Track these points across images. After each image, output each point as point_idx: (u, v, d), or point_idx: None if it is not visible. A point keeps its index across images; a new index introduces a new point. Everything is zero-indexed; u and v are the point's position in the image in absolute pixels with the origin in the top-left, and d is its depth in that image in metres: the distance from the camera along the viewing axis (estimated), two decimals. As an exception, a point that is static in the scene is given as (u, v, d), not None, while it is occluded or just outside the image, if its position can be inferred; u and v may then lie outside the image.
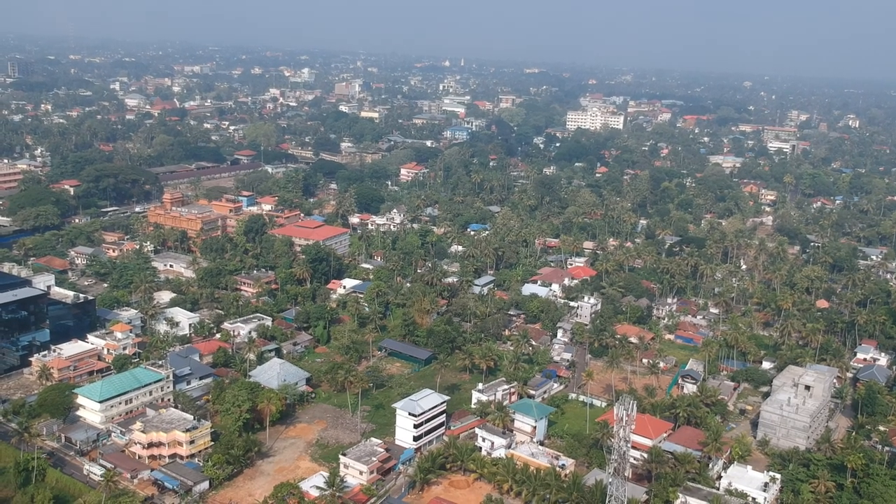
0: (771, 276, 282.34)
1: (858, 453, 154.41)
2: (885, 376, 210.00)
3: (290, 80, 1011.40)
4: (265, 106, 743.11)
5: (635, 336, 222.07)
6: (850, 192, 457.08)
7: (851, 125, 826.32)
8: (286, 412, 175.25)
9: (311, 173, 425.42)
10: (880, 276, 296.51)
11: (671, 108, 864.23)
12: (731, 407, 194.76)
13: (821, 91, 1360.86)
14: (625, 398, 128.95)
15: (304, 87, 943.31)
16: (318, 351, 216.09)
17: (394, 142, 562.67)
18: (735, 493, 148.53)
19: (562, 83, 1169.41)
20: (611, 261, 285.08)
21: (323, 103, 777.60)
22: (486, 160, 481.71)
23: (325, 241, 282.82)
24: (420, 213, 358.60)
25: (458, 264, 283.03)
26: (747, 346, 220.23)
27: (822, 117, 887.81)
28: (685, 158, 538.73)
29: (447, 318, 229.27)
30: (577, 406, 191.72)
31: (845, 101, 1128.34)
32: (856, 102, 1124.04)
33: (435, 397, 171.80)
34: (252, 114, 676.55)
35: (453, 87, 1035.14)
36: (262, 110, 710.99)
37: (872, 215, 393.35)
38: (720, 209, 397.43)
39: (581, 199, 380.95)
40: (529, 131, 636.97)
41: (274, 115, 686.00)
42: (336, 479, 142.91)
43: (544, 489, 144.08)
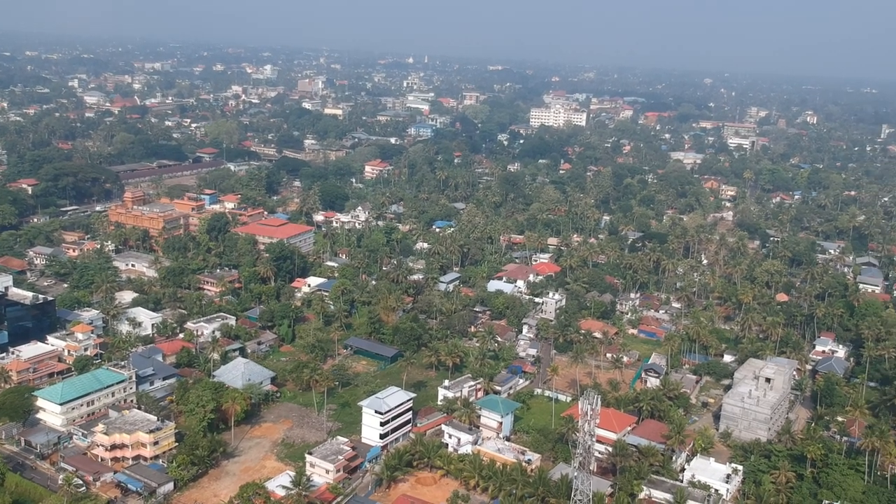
0: (731, 270, 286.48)
1: (818, 444, 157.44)
2: (843, 368, 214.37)
3: (252, 77, 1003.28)
4: (227, 103, 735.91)
5: (599, 331, 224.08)
6: (808, 188, 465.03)
7: (809, 121, 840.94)
8: (251, 412, 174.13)
9: (275, 171, 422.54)
10: (838, 269, 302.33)
11: (633, 106, 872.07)
12: (694, 400, 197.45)
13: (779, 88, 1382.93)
14: (589, 393, 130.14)
15: (267, 83, 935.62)
16: (282, 350, 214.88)
17: (358, 139, 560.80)
18: (698, 484, 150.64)
19: (525, 80, 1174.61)
20: (575, 257, 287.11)
21: (286, 100, 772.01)
22: (450, 157, 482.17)
23: (289, 240, 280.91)
24: (385, 211, 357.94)
25: (424, 261, 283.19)
26: (709, 339, 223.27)
27: (781, 114, 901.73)
28: (647, 155, 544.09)
29: (413, 316, 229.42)
30: (542, 401, 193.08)
31: (803, 98, 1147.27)
32: (813, 99, 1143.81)
33: (401, 395, 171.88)
34: (214, 111, 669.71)
35: (417, 84, 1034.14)
36: (224, 107, 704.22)
37: (830, 210, 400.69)
38: (681, 205, 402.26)
39: (545, 195, 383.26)
40: (494, 128, 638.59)
41: (236, 112, 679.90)
42: (302, 478, 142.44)
43: (511, 484, 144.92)
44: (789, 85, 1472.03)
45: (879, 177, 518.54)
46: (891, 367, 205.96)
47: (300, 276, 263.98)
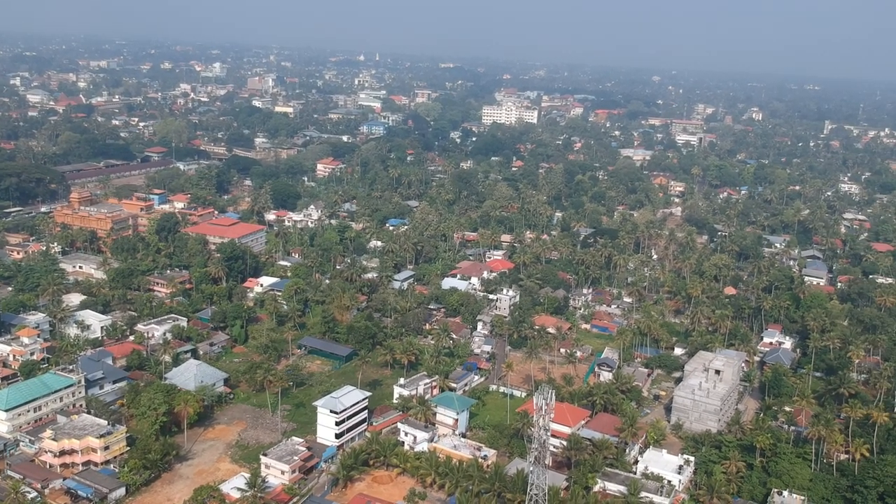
0: (681, 264, 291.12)
1: (766, 434, 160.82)
2: (790, 359, 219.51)
3: (201, 75, 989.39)
4: (176, 101, 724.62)
5: (553, 327, 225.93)
6: (754, 183, 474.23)
7: (755, 118, 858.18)
8: (204, 414, 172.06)
9: (225, 170, 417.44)
10: (784, 262, 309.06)
11: (583, 103, 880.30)
12: (646, 393, 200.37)
13: (725, 85, 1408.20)
14: (544, 388, 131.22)
15: (216, 81, 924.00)
16: (235, 351, 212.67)
17: (309, 137, 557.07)
18: (651, 476, 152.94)
19: (477, 78, 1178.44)
20: (528, 253, 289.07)
21: (235, 98, 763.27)
22: (403, 155, 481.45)
23: (240, 239, 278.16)
24: (338, 209, 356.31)
25: (378, 260, 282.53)
26: (660, 333, 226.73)
27: (727, 110, 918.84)
28: (597, 152, 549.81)
29: (367, 314, 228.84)
30: (497, 397, 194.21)
31: (748, 95, 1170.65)
32: (758, 96, 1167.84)
33: (356, 394, 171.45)
34: (162, 110, 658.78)
35: (369, 82, 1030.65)
36: (172, 106, 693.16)
37: (775, 205, 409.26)
38: (632, 201, 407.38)
39: (498, 192, 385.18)
40: (446, 126, 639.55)
41: (185, 110, 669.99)
42: (257, 479, 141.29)
43: (467, 480, 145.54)
44: (735, 82, 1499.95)
45: (823, 172, 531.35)
46: (835, 357, 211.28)
47: (252, 275, 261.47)
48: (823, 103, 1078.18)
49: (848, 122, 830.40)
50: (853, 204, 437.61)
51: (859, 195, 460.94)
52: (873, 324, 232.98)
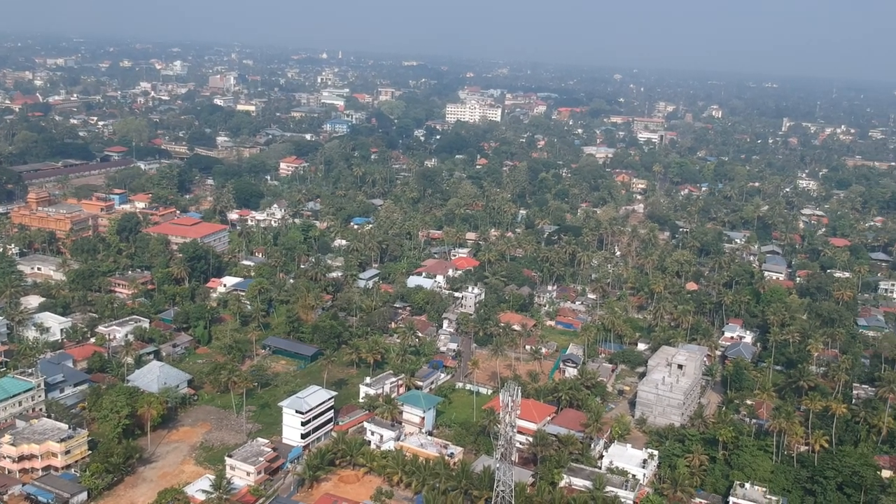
0: (643, 261, 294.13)
1: (728, 427, 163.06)
2: (751, 353, 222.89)
3: (161, 74, 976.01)
4: (136, 100, 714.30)
5: (518, 324, 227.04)
6: (714, 180, 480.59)
7: (715, 115, 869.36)
8: (168, 416, 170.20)
9: (187, 169, 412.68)
10: (744, 258, 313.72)
11: (546, 101, 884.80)
12: (610, 388, 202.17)
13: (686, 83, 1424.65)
14: (510, 385, 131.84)
15: (177, 80, 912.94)
16: (199, 352, 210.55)
17: (272, 135, 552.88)
18: (616, 470, 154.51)
19: (440, 76, 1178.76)
20: (493, 251, 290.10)
21: (197, 97, 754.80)
22: (367, 153, 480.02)
23: (202, 239, 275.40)
24: (301, 208, 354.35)
25: (343, 258, 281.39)
26: (623, 329, 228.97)
27: (688, 108, 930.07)
28: (561, 150, 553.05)
29: (332, 314, 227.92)
30: (464, 395, 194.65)
31: (708, 93, 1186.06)
32: (718, 94, 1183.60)
33: (322, 393, 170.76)
34: (122, 108, 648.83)
35: (332, 80, 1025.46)
36: (132, 105, 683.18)
37: (735, 201, 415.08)
38: (595, 198, 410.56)
39: (462, 190, 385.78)
40: (410, 124, 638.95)
41: (145, 109, 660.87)
42: (222, 481, 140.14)
43: (434, 478, 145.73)
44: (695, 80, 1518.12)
45: (781, 168, 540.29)
46: (795, 350, 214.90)
47: (215, 276, 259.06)
48: (781, 101, 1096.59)
49: (805, 120, 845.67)
50: (811, 200, 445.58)
51: (817, 191, 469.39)
52: (831, 317, 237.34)
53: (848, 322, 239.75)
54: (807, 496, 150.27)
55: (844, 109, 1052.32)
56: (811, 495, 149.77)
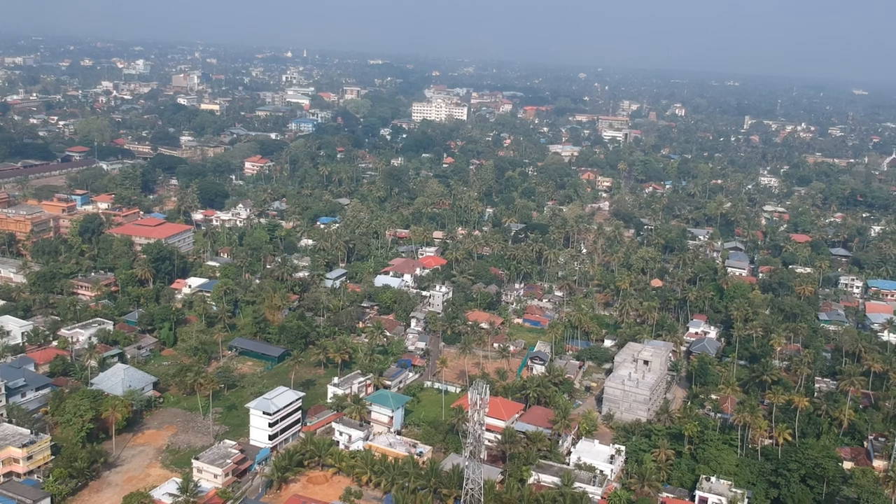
0: (609, 258, 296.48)
1: (694, 421, 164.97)
2: (715, 348, 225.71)
3: (123, 73, 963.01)
4: (97, 99, 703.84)
5: (486, 322, 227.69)
6: (678, 177, 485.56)
7: (678, 114, 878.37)
8: (133, 419, 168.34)
9: (150, 169, 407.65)
10: (707, 254, 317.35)
11: (512, 100, 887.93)
12: (578, 385, 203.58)
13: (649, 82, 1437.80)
14: (478, 383, 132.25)
15: (139, 79, 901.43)
16: (164, 354, 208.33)
17: (237, 135, 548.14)
18: (584, 466, 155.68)
19: (406, 75, 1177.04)
20: (460, 249, 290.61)
21: (160, 96, 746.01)
22: (333, 152, 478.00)
23: (167, 240, 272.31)
24: (267, 208, 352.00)
25: (309, 258, 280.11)
26: (590, 325, 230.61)
27: (652, 107, 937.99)
28: (527, 148, 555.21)
29: (299, 314, 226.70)
30: (432, 393, 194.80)
31: (672, 92, 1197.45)
32: (681, 92, 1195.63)
33: (289, 394, 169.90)
34: (83, 108, 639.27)
35: (297, 79, 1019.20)
36: (94, 104, 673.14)
37: (699, 198, 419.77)
38: (561, 196, 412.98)
39: (429, 189, 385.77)
40: (376, 123, 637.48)
41: (107, 108, 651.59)
42: (189, 484, 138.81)
43: (403, 478, 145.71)
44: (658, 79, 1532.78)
45: (743, 166, 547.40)
46: (758, 345, 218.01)
47: (180, 276, 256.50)
48: (743, 99, 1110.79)
49: (766, 118, 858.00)
50: (773, 196, 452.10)
51: (778, 188, 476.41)
52: (793, 312, 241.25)
53: (809, 317, 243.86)
54: (771, 489, 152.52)
55: (804, 107, 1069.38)
56: (775, 488, 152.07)
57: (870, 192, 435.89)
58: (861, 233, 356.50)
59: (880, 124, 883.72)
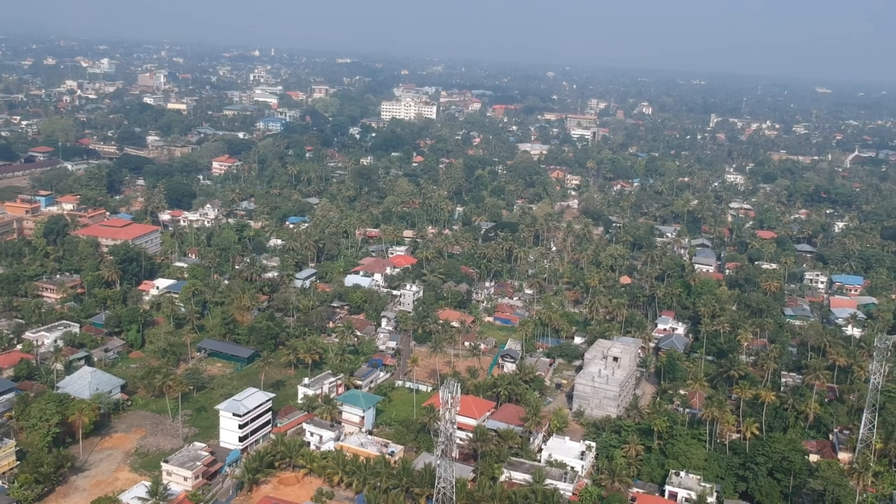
0: (579, 256, 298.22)
1: (663, 417, 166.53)
2: (683, 344, 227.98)
3: (88, 72, 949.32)
4: (61, 99, 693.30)
5: (457, 320, 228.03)
6: (645, 175, 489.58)
7: (645, 112, 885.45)
8: (101, 423, 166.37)
9: (116, 169, 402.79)
10: (675, 251, 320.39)
11: (481, 98, 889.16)
12: (548, 382, 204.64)
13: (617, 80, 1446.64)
14: (449, 381, 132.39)
15: (105, 78, 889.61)
16: (132, 356, 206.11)
17: (204, 134, 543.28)
18: (555, 463, 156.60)
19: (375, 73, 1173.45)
20: (430, 248, 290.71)
21: (126, 95, 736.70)
22: (302, 151, 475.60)
23: (134, 241, 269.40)
24: (235, 208, 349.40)
25: (278, 258, 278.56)
26: (560, 323, 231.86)
27: (619, 105, 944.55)
28: (496, 146, 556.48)
29: (269, 314, 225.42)
30: (403, 393, 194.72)
31: (639, 90, 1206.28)
32: (648, 91, 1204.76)
33: (260, 395, 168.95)
34: (47, 107, 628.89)
35: (264, 78, 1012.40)
36: (58, 103, 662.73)
37: (666, 196, 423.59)
38: (530, 194, 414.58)
39: (399, 188, 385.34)
40: (345, 122, 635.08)
41: (72, 108, 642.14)
42: (159, 487, 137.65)
43: (375, 477, 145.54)
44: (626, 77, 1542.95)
45: (709, 163, 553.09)
46: (725, 341, 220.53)
47: (148, 278, 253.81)
48: (709, 97, 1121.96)
49: (732, 116, 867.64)
50: (738, 194, 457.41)
51: (744, 185, 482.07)
52: (759, 308, 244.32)
53: (775, 312, 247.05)
54: (739, 482, 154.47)
55: (769, 105, 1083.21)
56: (743, 481, 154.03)
57: (833, 189, 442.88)
58: (825, 229, 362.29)
59: (843, 122, 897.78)
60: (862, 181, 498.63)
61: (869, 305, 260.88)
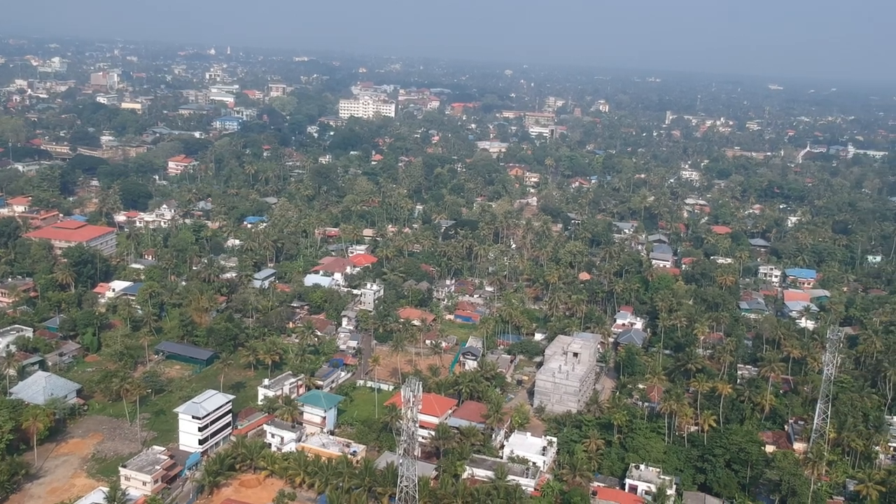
0: (538, 253, 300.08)
1: (622, 411, 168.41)
2: (642, 339, 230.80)
3: (38, 71, 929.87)
4: (11, 98, 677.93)
5: (418, 319, 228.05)
6: (603, 172, 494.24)
7: (602, 110, 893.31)
8: (56, 428, 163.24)
9: (69, 170, 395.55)
10: (633, 247, 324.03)
11: (439, 97, 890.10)
12: (510, 379, 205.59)
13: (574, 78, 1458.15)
14: (410, 380, 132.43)
15: (56, 77, 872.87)
16: (88, 360, 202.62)
17: (159, 134, 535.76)
18: (517, 459, 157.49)
19: (332, 72, 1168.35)
20: (390, 247, 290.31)
21: (78, 95, 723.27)
22: (259, 150, 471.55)
23: (88, 242, 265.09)
24: (192, 208, 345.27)
25: (236, 259, 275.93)
26: (521, 320, 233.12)
27: (577, 103, 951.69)
28: (455, 144, 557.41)
29: (227, 315, 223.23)
30: (365, 392, 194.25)
31: (595, 88, 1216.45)
32: (605, 89, 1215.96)
33: (219, 398, 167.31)
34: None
35: (220, 76, 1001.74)
36: (7, 103, 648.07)
37: (623, 192, 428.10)
38: (490, 192, 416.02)
39: (358, 187, 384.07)
40: (302, 120, 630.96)
41: (22, 108, 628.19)
42: (117, 493, 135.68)
43: (337, 478, 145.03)
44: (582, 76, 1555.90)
45: (665, 160, 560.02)
46: (682, 335, 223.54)
47: (103, 280, 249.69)
48: (664, 95, 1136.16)
49: (687, 113, 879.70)
50: (694, 190, 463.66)
51: (699, 181, 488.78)
52: (715, 302, 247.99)
53: (731, 306, 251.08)
54: (698, 474, 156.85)
55: (723, 102, 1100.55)
56: (702, 473, 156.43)
57: (786, 184, 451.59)
58: (778, 223, 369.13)
59: (795, 118, 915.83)
60: (814, 176, 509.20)
61: (821, 298, 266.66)
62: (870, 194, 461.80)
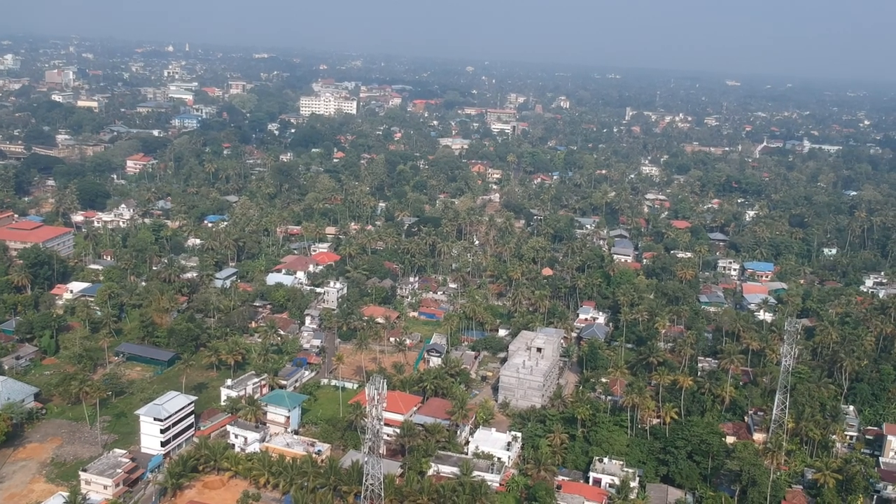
0: (501, 249, 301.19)
1: (586, 405, 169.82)
2: (604, 333, 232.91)
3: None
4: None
5: (381, 316, 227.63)
6: (565, 168, 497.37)
7: (563, 106, 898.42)
8: (13, 433, 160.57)
9: (24, 169, 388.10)
10: (594, 242, 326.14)
11: (401, 93, 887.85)
12: (474, 375, 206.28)
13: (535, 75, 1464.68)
14: (375, 378, 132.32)
15: (9, 75, 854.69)
16: (45, 363, 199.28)
17: (117, 132, 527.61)
18: (482, 455, 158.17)
19: (293, 69, 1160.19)
20: (353, 245, 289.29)
21: (32, 93, 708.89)
22: (219, 148, 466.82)
23: (45, 243, 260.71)
24: (151, 207, 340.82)
25: (197, 258, 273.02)
26: (484, 316, 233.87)
27: (538, 99, 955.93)
28: (417, 141, 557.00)
29: (189, 315, 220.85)
30: (329, 391, 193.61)
31: (556, 84, 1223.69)
32: (565, 85, 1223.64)
33: (181, 399, 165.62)
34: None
35: (179, 74, 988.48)
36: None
37: (585, 188, 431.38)
38: (452, 189, 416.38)
39: (320, 184, 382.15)
40: (263, 118, 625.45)
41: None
42: (78, 497, 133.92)
43: (301, 477, 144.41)
44: (543, 72, 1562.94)
45: (626, 156, 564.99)
46: (644, 329, 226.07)
47: (60, 281, 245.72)
48: (624, 91, 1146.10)
49: (647, 109, 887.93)
50: (654, 185, 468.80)
51: (659, 177, 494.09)
52: (676, 296, 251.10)
53: (691, 299, 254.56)
54: (660, 466, 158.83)
55: (682, 98, 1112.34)
56: (664, 465, 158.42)
57: (744, 179, 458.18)
58: (737, 218, 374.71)
59: (752, 114, 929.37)
60: (770, 171, 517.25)
61: (779, 291, 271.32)
62: (825, 188, 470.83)
